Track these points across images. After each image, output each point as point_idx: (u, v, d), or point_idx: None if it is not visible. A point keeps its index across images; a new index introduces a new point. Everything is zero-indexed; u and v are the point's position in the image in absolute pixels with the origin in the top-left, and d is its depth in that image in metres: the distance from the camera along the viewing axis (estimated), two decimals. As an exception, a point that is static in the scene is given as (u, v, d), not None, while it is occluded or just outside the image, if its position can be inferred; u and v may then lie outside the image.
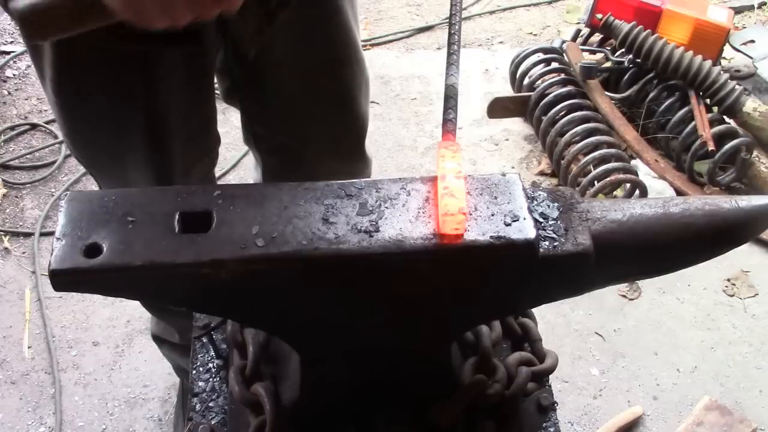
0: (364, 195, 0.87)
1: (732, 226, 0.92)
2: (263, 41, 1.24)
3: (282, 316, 0.90)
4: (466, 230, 0.82)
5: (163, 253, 0.81)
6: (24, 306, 2.36)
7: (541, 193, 0.93)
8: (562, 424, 1.84)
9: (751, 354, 2.23)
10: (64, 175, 2.79)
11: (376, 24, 3.61)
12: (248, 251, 0.80)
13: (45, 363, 2.21)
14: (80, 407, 2.12)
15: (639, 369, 2.19)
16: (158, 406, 2.12)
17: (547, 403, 1.08)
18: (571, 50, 2.91)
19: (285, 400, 1.00)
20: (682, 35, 2.82)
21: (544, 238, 0.87)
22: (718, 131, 2.60)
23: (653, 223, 0.90)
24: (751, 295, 2.39)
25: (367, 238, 0.82)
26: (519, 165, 2.87)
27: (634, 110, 2.85)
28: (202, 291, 0.85)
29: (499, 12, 3.70)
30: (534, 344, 1.13)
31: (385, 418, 1.02)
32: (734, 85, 2.65)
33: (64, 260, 0.81)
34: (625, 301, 2.38)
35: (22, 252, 2.53)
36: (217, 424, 1.07)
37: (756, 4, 3.59)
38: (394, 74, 3.27)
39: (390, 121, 3.05)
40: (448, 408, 0.99)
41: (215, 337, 1.16)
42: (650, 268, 0.99)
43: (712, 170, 2.60)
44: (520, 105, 2.90)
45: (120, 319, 2.32)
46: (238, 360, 1.05)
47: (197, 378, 1.13)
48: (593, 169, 2.55)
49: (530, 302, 0.95)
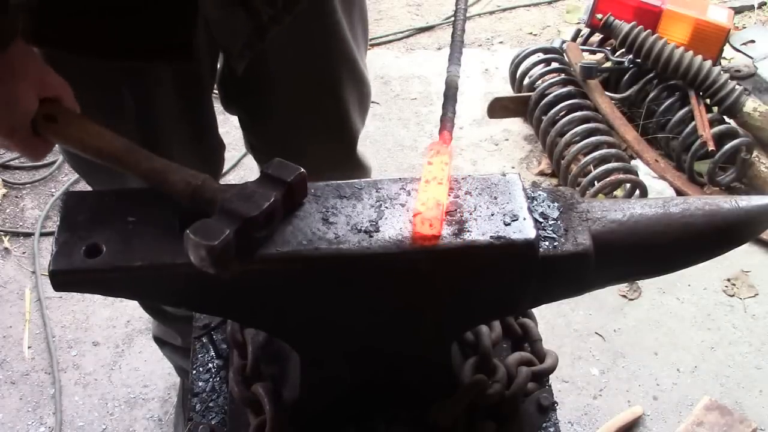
0: (364, 195, 0.87)
1: (732, 226, 0.92)
2: (253, 56, 1.22)
3: (282, 316, 0.90)
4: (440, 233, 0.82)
5: (163, 253, 0.81)
6: (24, 306, 2.36)
7: (541, 193, 0.93)
8: (562, 424, 1.84)
9: (751, 354, 2.23)
10: (64, 175, 2.78)
11: (376, 24, 3.60)
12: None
13: (45, 363, 2.21)
14: (80, 407, 2.12)
15: (639, 369, 2.19)
16: (158, 406, 2.12)
17: (547, 403, 1.08)
18: (571, 50, 2.91)
19: (285, 399, 1.00)
20: (682, 35, 2.82)
21: (544, 238, 0.87)
22: (718, 131, 2.60)
23: (653, 223, 0.90)
24: (751, 295, 2.39)
25: (367, 238, 0.82)
26: (519, 165, 2.87)
27: (634, 110, 2.85)
28: (202, 291, 0.85)
29: (499, 12, 3.69)
30: (534, 344, 1.13)
31: (385, 418, 1.02)
32: (734, 85, 2.64)
33: (64, 260, 0.81)
34: (625, 301, 2.37)
35: (22, 252, 2.53)
36: (217, 424, 1.07)
37: (756, 4, 3.59)
38: (394, 74, 3.27)
39: (390, 121, 3.05)
40: (448, 408, 0.99)
41: (215, 337, 1.16)
42: (650, 268, 0.99)
43: (712, 170, 2.60)
44: (520, 105, 2.90)
45: (120, 319, 2.32)
46: (238, 360, 1.05)
47: (197, 378, 1.13)
48: (593, 169, 2.55)
49: (530, 302, 0.95)
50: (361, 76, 1.44)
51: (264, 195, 0.80)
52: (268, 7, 1.15)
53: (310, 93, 1.37)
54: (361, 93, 1.47)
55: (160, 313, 1.75)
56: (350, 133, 1.50)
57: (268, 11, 1.15)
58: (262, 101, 1.39)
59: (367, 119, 1.60)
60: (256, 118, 1.45)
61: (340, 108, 1.42)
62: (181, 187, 0.83)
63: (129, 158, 0.87)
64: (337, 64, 1.37)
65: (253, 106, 1.42)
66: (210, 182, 0.84)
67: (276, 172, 0.83)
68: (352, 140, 1.53)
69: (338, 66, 1.37)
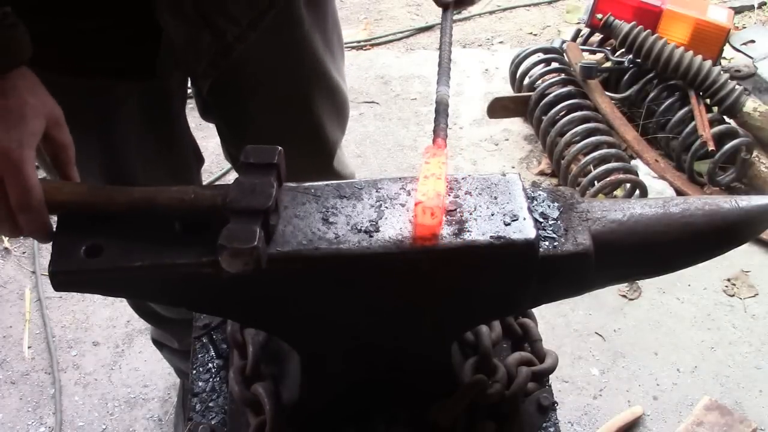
0: (364, 195, 0.87)
1: (732, 226, 0.92)
2: (217, 75, 1.21)
3: (282, 316, 0.90)
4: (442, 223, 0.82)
5: (163, 253, 0.81)
6: (24, 306, 2.36)
7: (541, 193, 0.93)
8: (562, 424, 1.84)
9: (751, 354, 2.23)
10: (64, 175, 2.78)
11: (376, 24, 3.61)
12: (248, 251, 0.80)
13: (45, 363, 2.21)
14: (80, 407, 2.12)
15: (639, 369, 2.19)
16: (158, 406, 2.12)
17: (547, 403, 1.08)
18: (571, 50, 2.91)
19: (285, 399, 1.00)
20: (682, 35, 2.82)
21: (544, 238, 0.86)
22: (718, 131, 2.60)
23: (653, 223, 0.90)
24: (751, 295, 2.39)
25: (367, 238, 0.82)
26: (519, 165, 2.87)
27: (634, 110, 2.85)
28: (202, 291, 0.85)
29: (499, 12, 3.70)
30: (534, 344, 1.13)
31: (385, 417, 1.02)
32: (734, 85, 2.65)
33: (64, 260, 0.81)
34: (625, 301, 2.38)
35: (22, 252, 2.53)
36: (217, 424, 1.07)
37: (756, 4, 3.59)
38: (394, 74, 3.27)
39: (390, 121, 3.05)
40: (448, 408, 0.99)
41: (215, 337, 1.16)
42: (650, 268, 0.99)
43: (712, 170, 2.60)
44: (520, 105, 2.90)
45: (120, 319, 2.32)
46: (238, 360, 1.05)
47: (197, 378, 1.13)
48: (593, 169, 2.55)
49: (530, 302, 0.95)
50: (334, 86, 1.42)
51: (264, 183, 0.81)
52: (233, 26, 1.14)
53: (281, 105, 1.35)
54: (336, 103, 1.45)
55: (153, 317, 1.74)
56: (325, 145, 1.48)
57: (233, 30, 1.14)
58: (237, 112, 1.38)
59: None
60: (232, 129, 1.44)
61: (312, 121, 1.40)
62: (175, 206, 0.83)
63: (98, 199, 0.85)
64: (307, 77, 1.35)
65: (229, 117, 1.41)
66: (200, 191, 0.83)
67: (258, 158, 0.84)
68: (329, 151, 1.51)
69: (308, 79, 1.35)
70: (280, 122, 1.36)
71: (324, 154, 1.49)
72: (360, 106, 3.10)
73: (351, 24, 3.61)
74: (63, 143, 0.91)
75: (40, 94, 0.89)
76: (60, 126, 0.91)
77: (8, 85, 0.85)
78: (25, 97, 0.86)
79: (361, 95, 3.17)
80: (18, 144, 0.83)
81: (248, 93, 1.33)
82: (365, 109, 3.10)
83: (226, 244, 0.75)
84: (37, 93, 0.88)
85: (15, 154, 0.82)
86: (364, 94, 3.18)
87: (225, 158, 1.61)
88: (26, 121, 0.85)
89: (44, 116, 0.88)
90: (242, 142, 1.44)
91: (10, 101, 0.85)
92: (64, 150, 0.92)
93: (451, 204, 0.87)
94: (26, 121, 0.85)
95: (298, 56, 1.31)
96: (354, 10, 3.74)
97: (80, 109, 1.15)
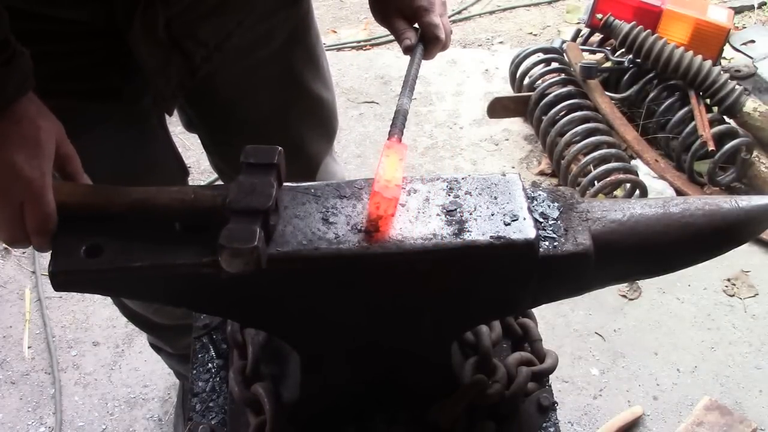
0: (364, 195, 0.87)
1: (732, 226, 0.92)
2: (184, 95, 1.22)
3: (282, 316, 0.90)
4: (389, 231, 0.82)
5: (163, 253, 0.81)
6: (24, 306, 2.36)
7: (541, 193, 0.93)
8: (562, 424, 1.84)
9: (751, 354, 2.23)
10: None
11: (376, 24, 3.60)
12: (248, 251, 0.80)
13: (45, 363, 2.21)
14: (80, 407, 2.12)
15: (639, 369, 2.19)
16: (158, 406, 2.12)
17: (547, 403, 1.08)
18: (571, 50, 2.91)
19: (285, 399, 1.00)
20: (682, 35, 2.82)
21: (544, 238, 0.87)
22: (718, 131, 2.60)
23: (653, 223, 0.90)
24: (751, 295, 2.39)
25: (367, 238, 0.82)
26: (519, 165, 2.87)
27: (634, 110, 2.85)
28: (202, 291, 0.85)
29: (499, 12, 3.70)
30: (534, 344, 1.13)
31: (385, 418, 1.02)
32: (734, 85, 2.65)
33: (64, 260, 0.81)
34: (625, 301, 2.37)
35: (22, 252, 2.53)
36: (217, 424, 1.07)
37: (756, 4, 3.59)
38: (394, 74, 3.27)
39: (390, 121, 3.04)
40: (448, 408, 0.99)
41: (215, 337, 1.16)
42: (650, 268, 0.99)
43: (712, 170, 2.60)
44: (520, 105, 2.90)
45: (120, 319, 2.32)
46: (238, 360, 1.05)
47: (197, 378, 1.13)
48: (593, 169, 2.55)
49: (530, 302, 0.95)
50: (316, 100, 1.41)
51: (264, 183, 0.81)
52: (201, 49, 1.15)
53: (258, 125, 1.35)
54: (320, 117, 1.45)
55: (145, 324, 1.73)
56: (307, 159, 1.48)
57: (201, 52, 1.16)
58: (218, 128, 1.38)
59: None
60: (216, 141, 1.45)
61: (293, 139, 1.39)
62: (175, 207, 0.83)
63: (98, 200, 0.86)
64: (284, 97, 1.35)
65: (211, 130, 1.42)
66: (200, 191, 0.83)
67: (258, 159, 0.84)
68: (312, 165, 1.50)
69: (285, 98, 1.36)
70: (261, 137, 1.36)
71: (305, 167, 1.48)
72: (360, 106, 3.10)
73: (351, 24, 3.61)
74: (68, 155, 0.93)
75: (47, 115, 0.90)
76: (65, 141, 0.92)
77: (20, 110, 0.86)
78: (38, 121, 0.87)
79: (361, 95, 3.17)
80: (40, 173, 0.84)
81: (227, 112, 1.34)
82: (365, 109, 3.10)
83: (226, 244, 0.75)
84: (45, 114, 0.90)
85: (38, 182, 0.84)
86: (364, 94, 3.18)
87: (213, 170, 1.61)
88: (42, 147, 0.86)
89: (54, 136, 0.89)
90: (226, 156, 1.45)
91: (24, 127, 0.86)
92: (70, 161, 0.93)
93: (451, 204, 0.87)
94: (42, 146, 0.86)
95: (272, 75, 1.32)
96: (354, 10, 3.74)
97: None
